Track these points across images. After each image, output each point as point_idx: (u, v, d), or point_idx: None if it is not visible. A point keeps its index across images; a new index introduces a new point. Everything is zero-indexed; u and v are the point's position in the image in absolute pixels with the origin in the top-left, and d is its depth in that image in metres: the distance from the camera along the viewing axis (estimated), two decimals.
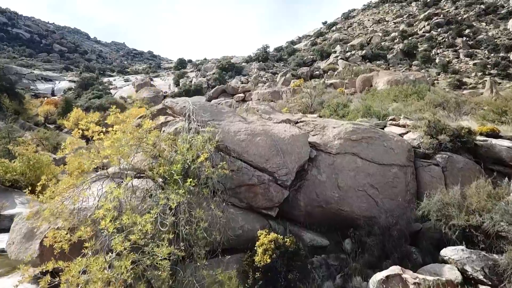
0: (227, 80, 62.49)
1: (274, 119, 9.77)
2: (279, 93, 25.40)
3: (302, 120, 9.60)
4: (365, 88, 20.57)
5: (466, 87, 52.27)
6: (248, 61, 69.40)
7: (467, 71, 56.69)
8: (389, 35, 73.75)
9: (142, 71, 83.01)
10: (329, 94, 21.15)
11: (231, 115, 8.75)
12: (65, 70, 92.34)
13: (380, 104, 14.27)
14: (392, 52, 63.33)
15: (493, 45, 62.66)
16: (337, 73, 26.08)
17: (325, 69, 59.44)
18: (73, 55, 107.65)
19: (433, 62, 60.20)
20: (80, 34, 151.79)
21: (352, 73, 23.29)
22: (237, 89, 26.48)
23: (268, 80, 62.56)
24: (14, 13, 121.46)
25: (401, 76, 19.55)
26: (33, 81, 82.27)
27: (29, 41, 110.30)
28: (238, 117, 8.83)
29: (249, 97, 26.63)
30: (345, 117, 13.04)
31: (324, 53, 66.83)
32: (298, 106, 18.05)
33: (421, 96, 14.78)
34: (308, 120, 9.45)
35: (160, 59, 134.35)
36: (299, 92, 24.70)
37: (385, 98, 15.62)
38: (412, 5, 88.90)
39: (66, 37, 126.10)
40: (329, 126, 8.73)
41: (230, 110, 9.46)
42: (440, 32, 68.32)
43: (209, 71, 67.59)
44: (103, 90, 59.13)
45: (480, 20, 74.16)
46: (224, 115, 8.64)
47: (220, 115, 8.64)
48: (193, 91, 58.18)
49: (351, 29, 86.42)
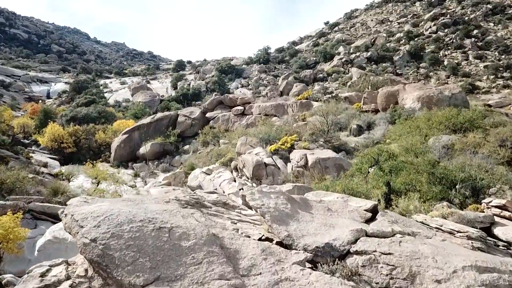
0: (227, 83, 58.40)
1: (300, 247, 4.20)
2: (284, 107, 21.41)
3: (362, 250, 4.10)
4: (389, 105, 16.56)
5: (479, 91, 48.25)
6: (249, 63, 65.25)
7: (478, 74, 52.57)
8: (394, 35, 69.56)
9: (140, 73, 78.90)
10: (346, 112, 17.19)
11: (202, 259, 3.68)
12: (62, 71, 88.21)
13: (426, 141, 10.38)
14: (399, 53, 59.20)
15: (503, 47, 58.47)
16: (352, 83, 22.11)
17: (329, 72, 55.39)
18: (71, 56, 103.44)
19: (442, 64, 56.08)
20: (80, 34, 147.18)
21: (369, 83, 19.30)
22: (235, 100, 22.56)
23: (269, 83, 58.49)
24: (12, 13, 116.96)
25: (434, 91, 15.56)
26: (28, 83, 78.14)
27: (26, 41, 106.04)
28: (221, 258, 3.73)
29: (249, 110, 22.66)
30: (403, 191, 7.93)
31: (327, 54, 62.67)
32: (309, 130, 14.08)
33: (476, 125, 10.93)
34: (373, 251, 4.07)
35: (160, 59, 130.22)
36: (306, 106, 20.74)
37: (426, 127, 11.71)
38: (416, 4, 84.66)
39: (65, 38, 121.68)
40: (423, 269, 3.74)
41: (205, 237, 4.05)
42: (447, 33, 64.11)
43: (208, 73, 63.49)
44: (97, 94, 55.07)
45: (487, 21, 69.92)
46: (184, 264, 3.63)
47: (176, 261, 3.63)
48: (191, 95, 54.15)
49: (354, 29, 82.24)
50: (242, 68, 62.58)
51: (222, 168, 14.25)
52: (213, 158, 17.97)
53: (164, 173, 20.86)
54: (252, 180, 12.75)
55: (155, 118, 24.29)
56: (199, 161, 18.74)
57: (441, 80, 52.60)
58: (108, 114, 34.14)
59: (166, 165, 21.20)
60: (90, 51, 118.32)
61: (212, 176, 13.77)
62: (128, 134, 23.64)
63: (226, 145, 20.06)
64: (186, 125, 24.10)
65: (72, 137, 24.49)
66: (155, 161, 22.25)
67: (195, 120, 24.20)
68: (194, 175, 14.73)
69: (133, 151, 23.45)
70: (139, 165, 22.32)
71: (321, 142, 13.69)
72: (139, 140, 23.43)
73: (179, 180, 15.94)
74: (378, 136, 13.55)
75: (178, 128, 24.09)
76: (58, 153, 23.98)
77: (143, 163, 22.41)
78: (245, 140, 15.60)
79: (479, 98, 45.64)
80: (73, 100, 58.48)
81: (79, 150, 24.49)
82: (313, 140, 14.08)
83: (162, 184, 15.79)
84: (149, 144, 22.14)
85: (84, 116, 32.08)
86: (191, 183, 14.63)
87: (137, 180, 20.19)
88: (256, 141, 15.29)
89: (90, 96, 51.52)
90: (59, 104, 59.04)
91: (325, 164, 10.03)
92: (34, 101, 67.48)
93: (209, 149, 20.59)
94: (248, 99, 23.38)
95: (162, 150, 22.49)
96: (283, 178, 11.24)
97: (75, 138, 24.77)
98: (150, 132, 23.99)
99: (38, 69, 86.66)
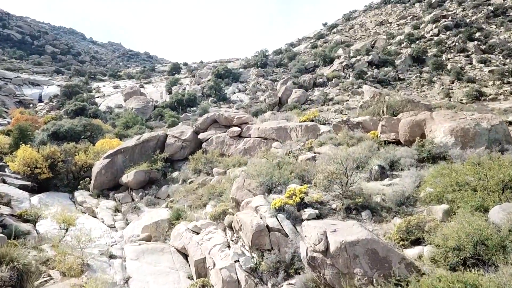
0: (223, 88, 55.11)
1: None
2: (287, 131, 18.30)
3: None
4: (413, 136, 13.51)
5: (486, 98, 45.32)
6: (246, 66, 61.93)
7: (483, 79, 49.57)
8: (394, 37, 66.48)
9: (136, 75, 75.32)
10: (361, 145, 14.10)
11: None
12: (56, 73, 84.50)
13: (484, 214, 7.38)
14: (400, 57, 56.17)
15: (507, 50, 55.54)
16: (364, 104, 19.08)
17: (329, 77, 52.25)
18: (66, 57, 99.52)
19: (445, 69, 53.08)
20: (76, 34, 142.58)
21: (384, 105, 16.26)
22: (231, 119, 19.49)
23: (267, 88, 55.24)
24: (5, 14, 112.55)
25: (469, 123, 12.54)
26: (19, 86, 74.51)
27: (20, 42, 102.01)
28: None
29: (247, 131, 19.56)
30: None
31: (327, 58, 59.48)
32: (323, 180, 10.98)
33: None
34: None
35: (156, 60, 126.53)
36: (312, 130, 17.66)
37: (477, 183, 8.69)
38: (415, 6, 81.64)
39: (59, 38, 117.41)
40: None
41: None
42: (449, 36, 61.12)
43: (204, 77, 60.14)
44: (87, 100, 51.65)
45: (489, 23, 66.97)
46: None
47: None
48: (186, 101, 50.89)
49: (353, 31, 79.09)
50: (239, 72, 59.30)
51: (213, 227, 11.14)
52: (205, 196, 14.92)
53: (149, 208, 17.76)
54: (252, 250, 9.67)
55: (141, 140, 21.07)
56: (188, 199, 15.64)
57: (445, 86, 49.55)
58: (95, 127, 30.85)
59: (151, 198, 18.09)
60: (85, 52, 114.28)
61: (200, 238, 10.68)
62: (110, 158, 20.45)
63: (219, 177, 16.95)
64: (175, 148, 20.91)
65: (48, 160, 21.30)
66: (140, 191, 19.14)
67: (186, 141, 21.01)
68: (178, 233, 11.61)
69: (115, 178, 20.28)
70: (122, 196, 19.20)
71: (338, 193, 10.63)
72: (122, 165, 20.27)
73: (161, 231, 12.85)
74: (409, 186, 10.49)
75: (167, 150, 20.90)
76: (31, 179, 20.79)
77: (126, 192, 19.31)
78: (243, 182, 12.50)
79: (487, 105, 42.77)
80: (63, 105, 55.06)
81: (56, 175, 21.30)
82: (327, 186, 11.01)
83: (141, 238, 12.72)
84: (133, 172, 18.97)
85: (68, 130, 28.79)
86: (175, 242, 11.54)
87: (117, 216, 17.10)
88: (255, 185, 12.20)
89: (80, 103, 48.11)
90: (48, 110, 55.66)
91: (354, 251, 6.99)
92: (25, 105, 64.04)
93: (201, 179, 17.46)
94: (245, 118, 20.25)
95: (147, 179, 19.33)
96: (295, 257, 8.20)
97: (52, 160, 21.58)
98: (135, 155, 20.83)
99: (31, 71, 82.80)
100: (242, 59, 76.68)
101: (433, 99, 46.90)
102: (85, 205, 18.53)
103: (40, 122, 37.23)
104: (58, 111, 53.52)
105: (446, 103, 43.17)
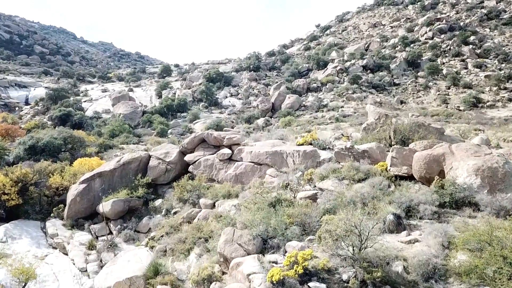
0: (215, 92, 52.70)
1: None
2: (283, 156, 16.11)
3: None
4: (430, 174, 11.42)
5: (483, 105, 43.61)
6: (238, 70, 59.49)
7: (479, 85, 47.86)
8: (388, 40, 64.59)
9: (125, 77, 72.35)
10: (369, 182, 11.97)
11: None
12: (44, 74, 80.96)
13: None
14: (395, 61, 54.25)
15: (503, 55, 53.93)
16: (368, 126, 16.93)
17: (323, 82, 50.15)
18: (55, 57, 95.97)
19: (441, 73, 51.31)
20: (66, 33, 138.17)
21: (391, 128, 14.14)
22: (221, 139, 17.23)
23: (260, 93, 52.94)
24: None
25: (497, 160, 10.50)
26: (5, 88, 70.93)
27: (8, 42, 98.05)
28: None
29: (239, 154, 17.35)
30: None
31: (321, 61, 57.34)
32: (329, 239, 8.82)
33: None
34: None
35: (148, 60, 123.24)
36: (312, 157, 15.50)
37: None
38: (409, 8, 79.84)
39: (49, 38, 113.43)
40: None
41: None
42: (444, 39, 59.35)
43: (195, 81, 57.62)
44: (73, 105, 48.84)
45: (483, 26, 65.37)
46: None
47: None
48: (176, 106, 48.38)
49: (346, 33, 77.05)
50: (231, 76, 56.88)
51: None
52: (189, 239, 12.71)
53: (127, 244, 15.50)
54: None
55: (121, 162, 18.71)
56: (170, 238, 13.41)
57: (442, 91, 47.76)
58: (76, 140, 28.30)
59: (130, 232, 15.81)
60: (75, 52, 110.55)
61: None
62: (87, 183, 18.07)
63: (207, 211, 14.71)
64: (159, 171, 18.56)
65: (19, 184, 18.87)
66: (119, 222, 16.86)
67: (171, 164, 18.67)
68: None
69: (92, 205, 17.91)
70: (98, 227, 16.89)
71: (348, 255, 8.50)
72: (100, 191, 17.96)
73: None
74: (435, 248, 8.41)
75: (150, 174, 18.54)
76: None
77: (103, 223, 17.01)
78: (232, 234, 10.32)
79: (486, 113, 41.04)
80: (48, 110, 52.20)
81: (26, 200, 18.87)
82: (336, 248, 8.85)
83: None
84: (110, 201, 16.63)
85: (46, 144, 26.25)
86: None
87: (90, 256, 14.82)
88: (248, 238, 10.03)
89: (65, 108, 45.29)
90: (33, 115, 52.67)
91: None
92: (10, 108, 60.85)
93: (186, 212, 15.21)
94: (236, 139, 17.99)
95: (127, 208, 17.00)
96: None
97: (23, 184, 19.16)
98: (114, 179, 18.49)
99: (18, 72, 79.24)
100: (234, 60, 74.18)
101: (429, 105, 45.06)
102: (56, 239, 16.16)
103: (20, 132, 34.53)
104: (43, 116, 50.71)
105: (443, 110, 41.41)
